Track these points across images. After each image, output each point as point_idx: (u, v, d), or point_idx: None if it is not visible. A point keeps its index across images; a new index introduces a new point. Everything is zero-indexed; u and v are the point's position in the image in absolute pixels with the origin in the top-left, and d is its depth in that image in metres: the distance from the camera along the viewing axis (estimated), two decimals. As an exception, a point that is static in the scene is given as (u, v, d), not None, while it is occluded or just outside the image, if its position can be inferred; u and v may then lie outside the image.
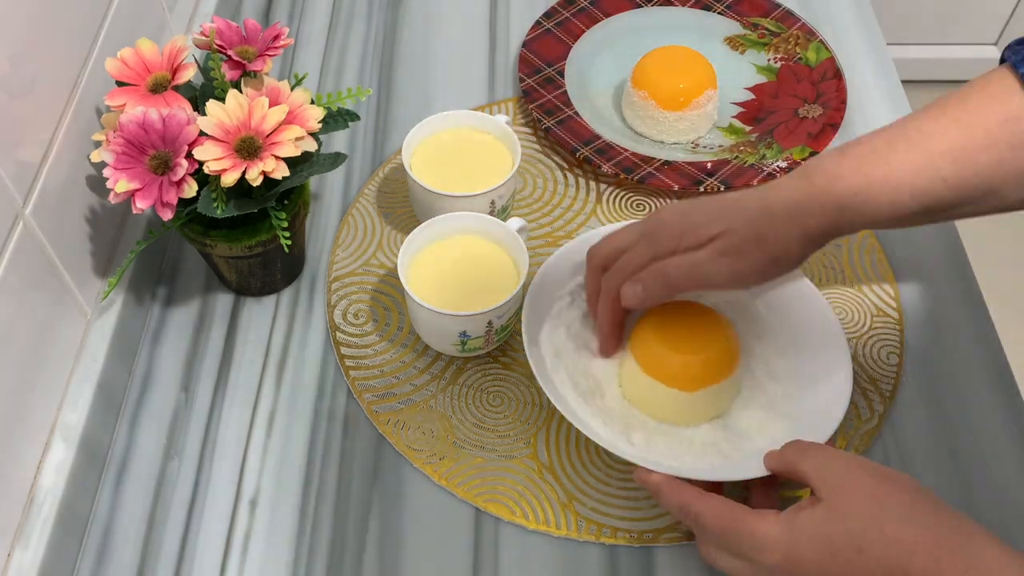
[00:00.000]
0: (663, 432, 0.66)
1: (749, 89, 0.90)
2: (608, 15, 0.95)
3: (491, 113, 0.88)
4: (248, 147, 0.63)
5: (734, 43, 0.93)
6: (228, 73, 0.66)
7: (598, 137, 0.84)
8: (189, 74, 0.65)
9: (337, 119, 0.71)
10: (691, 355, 0.66)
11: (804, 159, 0.81)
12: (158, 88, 0.65)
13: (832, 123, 0.84)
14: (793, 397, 0.67)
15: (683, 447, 0.65)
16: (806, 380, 0.67)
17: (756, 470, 0.61)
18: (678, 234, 0.61)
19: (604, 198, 0.82)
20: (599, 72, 0.91)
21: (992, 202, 0.58)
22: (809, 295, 0.69)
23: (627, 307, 0.65)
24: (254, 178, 0.61)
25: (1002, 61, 0.57)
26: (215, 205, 0.63)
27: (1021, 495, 0.66)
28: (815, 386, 0.66)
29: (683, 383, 0.65)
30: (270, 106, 0.64)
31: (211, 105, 0.63)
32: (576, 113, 0.86)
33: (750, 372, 0.69)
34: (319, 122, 0.65)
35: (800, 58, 0.90)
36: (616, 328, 0.67)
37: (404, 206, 0.81)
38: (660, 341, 0.66)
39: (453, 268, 0.70)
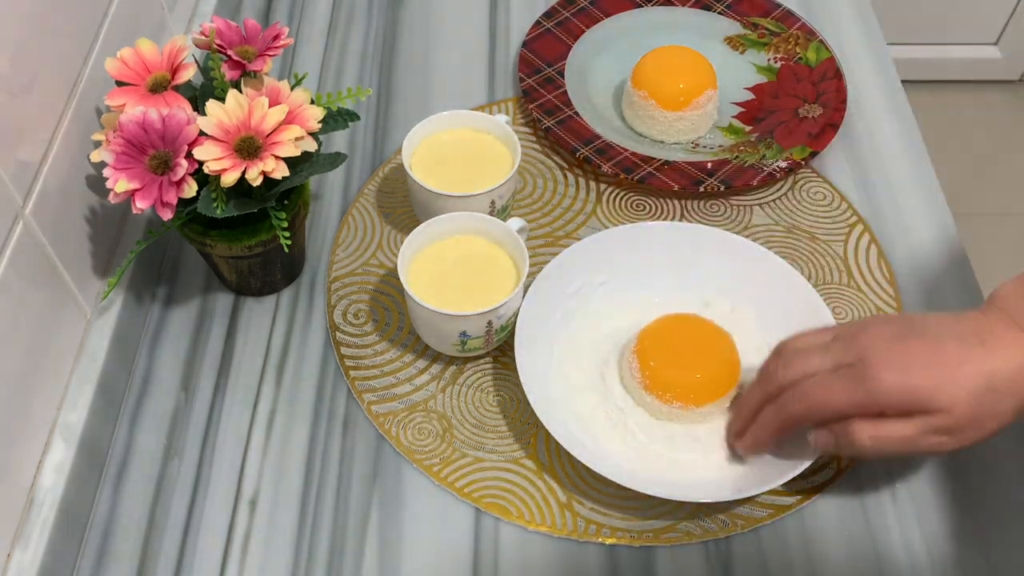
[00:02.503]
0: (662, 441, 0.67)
1: (749, 89, 0.90)
2: (608, 15, 0.95)
3: (491, 113, 0.88)
4: (248, 147, 0.63)
5: (734, 43, 0.93)
6: (228, 73, 0.66)
7: (598, 137, 0.84)
8: (189, 74, 0.65)
9: (337, 119, 0.70)
10: (691, 375, 0.66)
11: (804, 159, 0.81)
12: (158, 88, 0.65)
13: (832, 123, 0.84)
14: None
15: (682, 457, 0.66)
16: None
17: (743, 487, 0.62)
18: (891, 395, 0.56)
19: (604, 198, 0.82)
20: (599, 72, 0.91)
21: None
22: (812, 304, 0.69)
23: (813, 448, 0.61)
24: (254, 178, 0.61)
25: None
26: (215, 205, 0.63)
27: (1021, 495, 0.66)
28: None
29: (685, 402, 0.66)
30: (270, 106, 0.64)
31: (211, 105, 0.63)
32: (576, 113, 0.86)
33: (747, 381, 0.69)
34: (319, 122, 0.65)
35: (800, 58, 0.90)
36: (771, 443, 0.63)
37: (404, 206, 0.81)
38: (661, 360, 0.67)
39: (453, 268, 0.70)
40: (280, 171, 0.62)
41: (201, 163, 0.62)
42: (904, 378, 0.55)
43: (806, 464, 0.62)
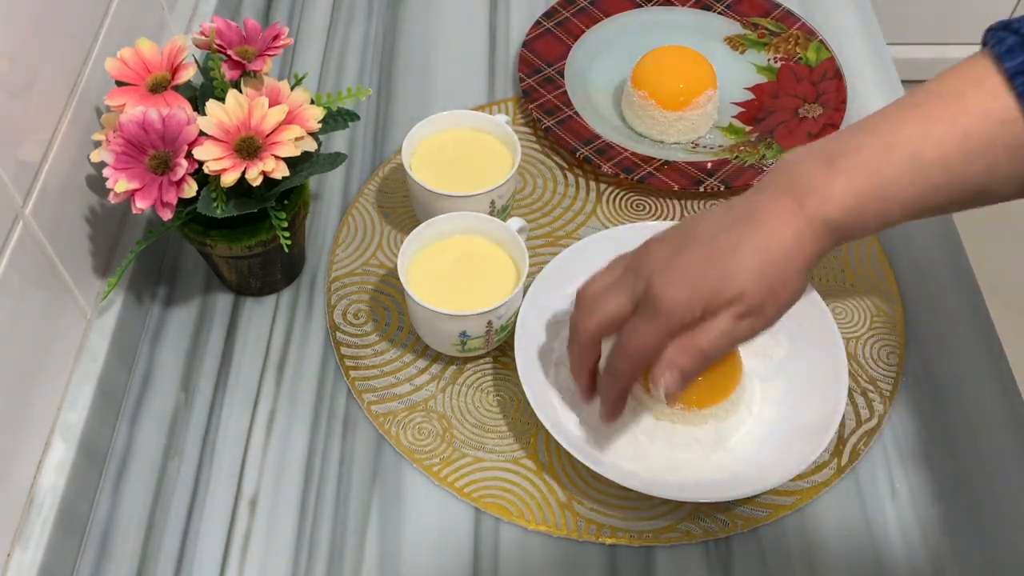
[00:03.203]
0: (659, 438, 0.67)
1: (749, 89, 0.90)
2: (608, 15, 0.95)
3: (491, 113, 0.88)
4: (248, 147, 0.63)
5: (734, 43, 0.93)
6: (228, 73, 0.66)
7: (598, 137, 0.84)
8: (189, 74, 0.65)
9: (337, 119, 0.70)
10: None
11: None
12: (158, 88, 0.65)
13: (832, 123, 0.84)
14: (789, 407, 0.67)
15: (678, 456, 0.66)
16: (803, 391, 0.67)
17: (751, 485, 0.62)
18: (688, 310, 0.56)
19: (604, 198, 0.82)
20: (599, 72, 0.91)
21: (984, 201, 0.56)
22: (813, 304, 0.69)
23: (671, 396, 0.59)
24: (254, 178, 0.61)
25: (984, 44, 0.54)
26: (215, 205, 0.63)
27: (1021, 495, 0.66)
28: (811, 397, 0.66)
29: (687, 404, 0.66)
30: (270, 106, 0.64)
31: (211, 105, 0.63)
32: (576, 113, 0.86)
33: (748, 382, 0.69)
34: (319, 122, 0.65)
35: (800, 58, 0.90)
36: (623, 405, 0.63)
37: (404, 206, 0.81)
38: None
39: (453, 268, 0.70)
40: (280, 171, 0.62)
41: (201, 163, 0.62)
42: (689, 290, 0.56)
43: (806, 464, 0.62)
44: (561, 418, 0.66)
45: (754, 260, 0.55)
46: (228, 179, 0.61)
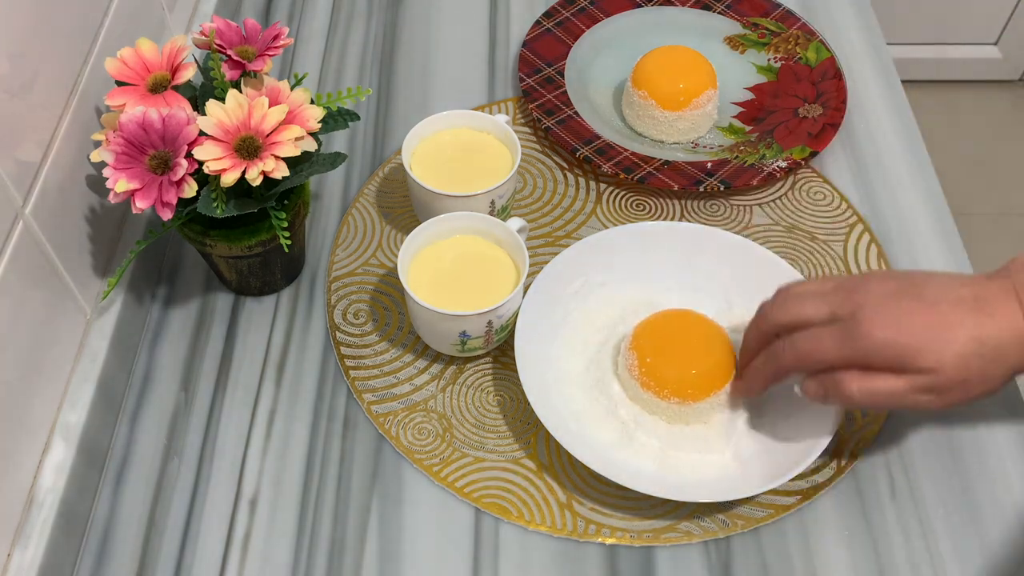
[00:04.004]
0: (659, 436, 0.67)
1: (749, 89, 0.90)
2: (608, 15, 0.95)
3: (491, 113, 0.88)
4: (248, 147, 0.63)
5: (734, 43, 0.93)
6: (228, 73, 0.66)
7: (598, 137, 0.84)
8: (189, 74, 0.65)
9: (337, 119, 0.70)
10: (687, 370, 0.66)
11: (804, 159, 0.81)
12: (158, 88, 0.65)
13: (832, 123, 0.84)
14: (789, 407, 0.67)
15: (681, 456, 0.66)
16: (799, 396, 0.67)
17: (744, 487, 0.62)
18: (881, 351, 0.56)
19: (604, 198, 0.82)
20: (599, 72, 0.91)
21: None
22: None
23: (805, 397, 0.61)
24: (254, 178, 0.61)
25: None
26: (215, 205, 0.63)
27: (1021, 495, 0.66)
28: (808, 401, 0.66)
29: (683, 397, 0.66)
30: (270, 106, 0.64)
31: (211, 105, 0.63)
32: (576, 113, 0.86)
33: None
34: (319, 122, 0.65)
35: (800, 58, 0.90)
36: (763, 390, 0.64)
37: (404, 206, 0.81)
38: (657, 355, 0.67)
39: (453, 268, 0.70)
40: (280, 171, 0.62)
41: (201, 163, 0.62)
42: (894, 336, 0.56)
43: (806, 464, 0.62)
44: (562, 418, 0.66)
45: (966, 346, 0.55)
46: (228, 179, 0.61)
